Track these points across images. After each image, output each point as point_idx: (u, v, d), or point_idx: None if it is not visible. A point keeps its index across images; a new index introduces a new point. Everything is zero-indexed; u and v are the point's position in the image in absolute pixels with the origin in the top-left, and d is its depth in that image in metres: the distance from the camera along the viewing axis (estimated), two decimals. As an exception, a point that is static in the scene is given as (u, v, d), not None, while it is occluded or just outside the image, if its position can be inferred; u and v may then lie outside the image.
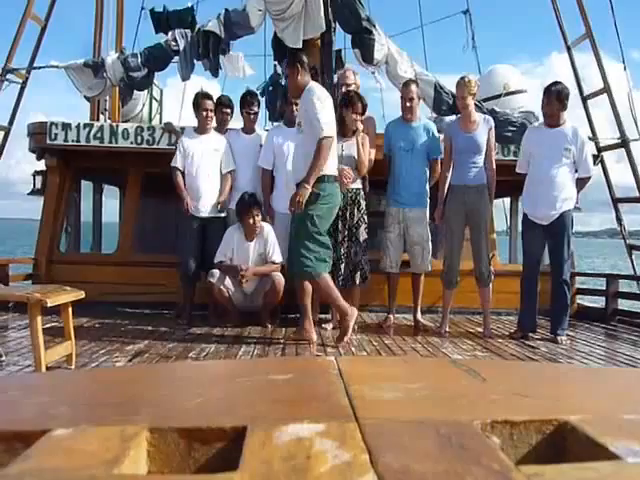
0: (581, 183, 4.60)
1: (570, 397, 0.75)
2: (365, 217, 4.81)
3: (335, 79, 5.91)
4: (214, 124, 5.33)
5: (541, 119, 4.82)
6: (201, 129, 5.18)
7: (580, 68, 6.89)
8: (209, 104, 5.14)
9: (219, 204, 5.13)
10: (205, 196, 5.09)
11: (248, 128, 5.38)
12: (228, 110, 5.40)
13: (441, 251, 5.22)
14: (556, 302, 4.61)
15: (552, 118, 4.49)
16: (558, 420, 0.57)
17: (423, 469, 0.45)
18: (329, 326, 4.76)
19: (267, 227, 4.92)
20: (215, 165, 5.13)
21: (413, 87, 4.97)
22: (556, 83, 4.54)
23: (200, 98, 5.17)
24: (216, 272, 4.76)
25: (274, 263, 4.83)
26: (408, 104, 4.91)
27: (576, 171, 4.55)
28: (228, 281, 4.77)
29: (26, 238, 6.29)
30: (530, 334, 4.67)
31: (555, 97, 4.43)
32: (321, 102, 3.97)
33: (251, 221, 4.76)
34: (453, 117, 5.41)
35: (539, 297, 4.70)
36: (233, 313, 4.90)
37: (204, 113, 5.10)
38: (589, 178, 4.66)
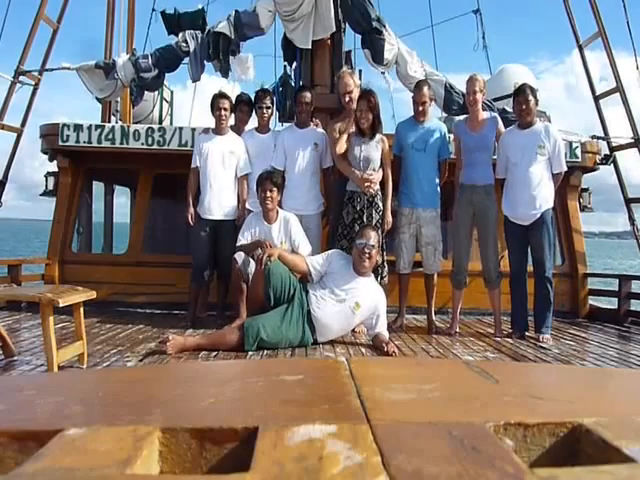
0: (555, 179, 4.66)
1: (584, 399, 0.74)
2: (382, 219, 4.79)
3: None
4: (232, 122, 5.26)
5: (552, 119, 4.83)
6: (217, 129, 5.10)
7: (602, 67, 6.85)
8: (224, 103, 5.04)
9: (239, 209, 5.03)
10: (217, 198, 5.01)
11: (262, 127, 5.25)
12: (246, 108, 5.26)
13: (450, 252, 5.20)
14: (538, 300, 4.64)
15: (522, 114, 4.55)
16: (572, 422, 0.56)
17: (436, 471, 0.45)
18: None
19: (292, 218, 4.75)
20: (230, 167, 5.03)
21: (425, 90, 4.91)
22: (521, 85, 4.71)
23: (216, 97, 5.08)
24: (242, 254, 4.61)
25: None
26: (420, 108, 4.89)
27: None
28: (253, 267, 4.52)
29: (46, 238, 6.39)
30: (526, 333, 4.70)
31: (521, 96, 4.53)
32: None
33: (262, 195, 4.62)
34: (464, 116, 5.39)
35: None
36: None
37: (218, 112, 5.02)
38: (561, 174, 4.71)
